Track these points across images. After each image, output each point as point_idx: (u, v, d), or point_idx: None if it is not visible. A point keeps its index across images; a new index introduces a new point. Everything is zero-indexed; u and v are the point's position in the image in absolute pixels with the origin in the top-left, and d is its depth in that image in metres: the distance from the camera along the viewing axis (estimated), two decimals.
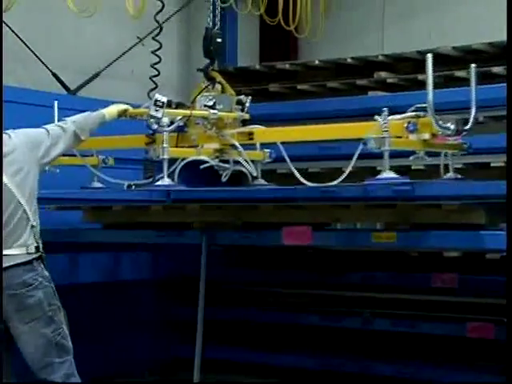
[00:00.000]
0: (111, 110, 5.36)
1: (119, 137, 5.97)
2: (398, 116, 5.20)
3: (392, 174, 5.16)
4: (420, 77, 7.11)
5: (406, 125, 5.12)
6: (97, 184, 6.20)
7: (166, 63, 7.77)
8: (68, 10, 6.55)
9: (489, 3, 8.93)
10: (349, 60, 7.53)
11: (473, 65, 5.42)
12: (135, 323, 7.95)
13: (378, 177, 5.20)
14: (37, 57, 7.03)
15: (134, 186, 5.60)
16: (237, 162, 5.79)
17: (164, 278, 8.15)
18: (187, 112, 5.51)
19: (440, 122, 5.12)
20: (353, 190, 5.84)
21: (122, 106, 5.47)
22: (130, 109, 5.46)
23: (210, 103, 5.52)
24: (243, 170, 5.80)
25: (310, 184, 5.51)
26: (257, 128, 5.68)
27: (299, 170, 7.09)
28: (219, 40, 5.88)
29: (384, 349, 7.53)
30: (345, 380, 7.43)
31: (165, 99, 5.31)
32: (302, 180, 5.49)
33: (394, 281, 7.56)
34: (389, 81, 7.26)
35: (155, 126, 5.39)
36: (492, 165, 6.55)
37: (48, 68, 6.32)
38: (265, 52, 10.05)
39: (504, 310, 5.94)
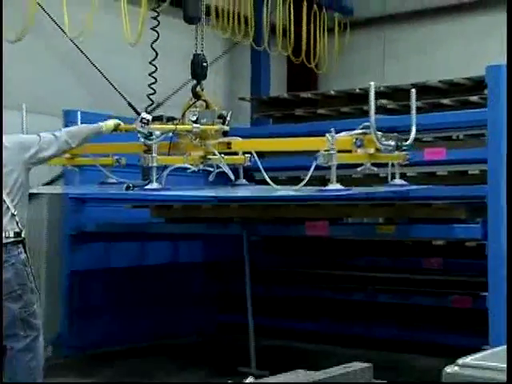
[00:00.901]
0: (108, 124, 5.18)
1: (122, 143, 5.77)
2: (348, 133, 4.91)
3: (338, 186, 4.82)
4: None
5: (354, 140, 4.85)
6: (112, 180, 5.96)
7: (216, 94, 7.98)
8: (139, 53, 6.76)
9: (467, 48, 8.95)
10: (357, 90, 7.37)
11: (413, 90, 5.19)
12: (188, 296, 8.00)
13: (325, 188, 4.90)
14: (115, 89, 7.23)
15: (132, 187, 5.28)
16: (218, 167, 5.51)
17: (211, 261, 8.17)
18: (172, 127, 5.25)
19: (382, 140, 4.81)
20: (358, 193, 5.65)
21: (117, 122, 5.29)
22: (123, 124, 5.31)
23: (194, 118, 5.32)
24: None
25: (277, 187, 5.30)
26: (234, 139, 5.46)
27: (319, 177, 7.22)
28: (204, 64, 5.58)
29: (385, 317, 7.55)
30: (353, 341, 7.47)
31: (149, 117, 5.11)
32: (273, 185, 5.22)
33: (392, 263, 7.58)
34: (389, 106, 7.12)
35: (142, 140, 5.18)
36: (469, 172, 6.43)
37: (124, 98, 6.52)
38: (291, 84, 9.86)
39: (479, 286, 6.09)
